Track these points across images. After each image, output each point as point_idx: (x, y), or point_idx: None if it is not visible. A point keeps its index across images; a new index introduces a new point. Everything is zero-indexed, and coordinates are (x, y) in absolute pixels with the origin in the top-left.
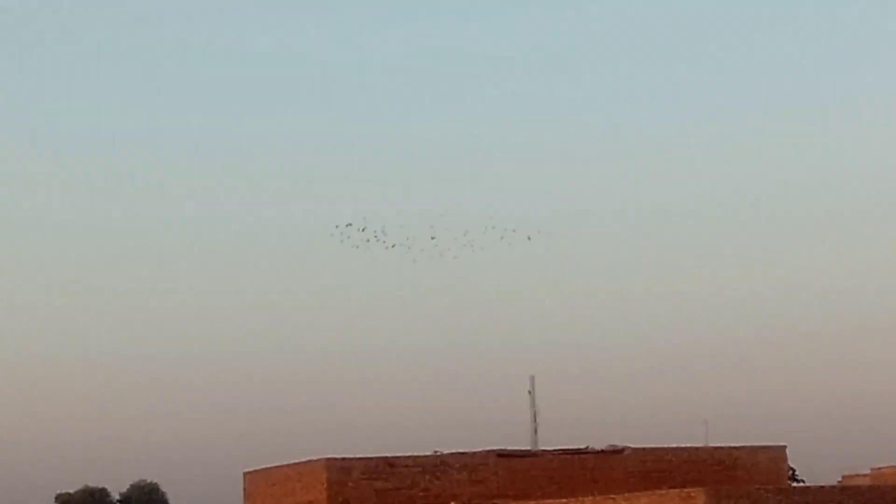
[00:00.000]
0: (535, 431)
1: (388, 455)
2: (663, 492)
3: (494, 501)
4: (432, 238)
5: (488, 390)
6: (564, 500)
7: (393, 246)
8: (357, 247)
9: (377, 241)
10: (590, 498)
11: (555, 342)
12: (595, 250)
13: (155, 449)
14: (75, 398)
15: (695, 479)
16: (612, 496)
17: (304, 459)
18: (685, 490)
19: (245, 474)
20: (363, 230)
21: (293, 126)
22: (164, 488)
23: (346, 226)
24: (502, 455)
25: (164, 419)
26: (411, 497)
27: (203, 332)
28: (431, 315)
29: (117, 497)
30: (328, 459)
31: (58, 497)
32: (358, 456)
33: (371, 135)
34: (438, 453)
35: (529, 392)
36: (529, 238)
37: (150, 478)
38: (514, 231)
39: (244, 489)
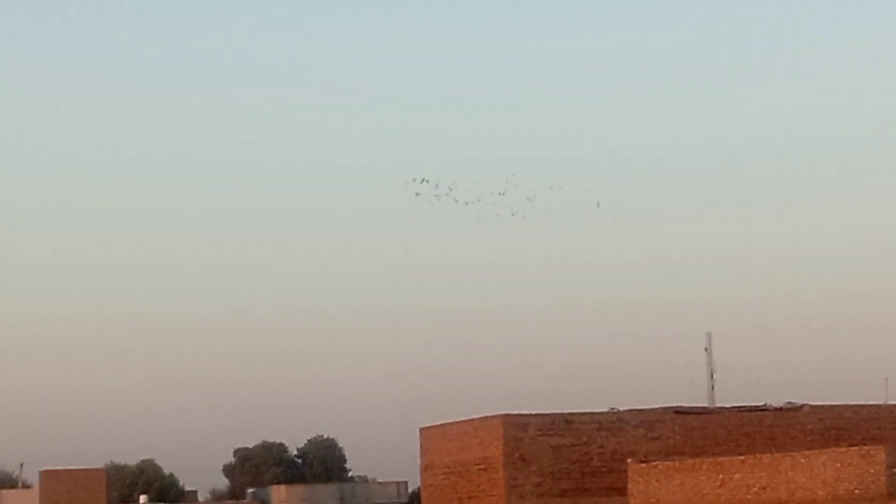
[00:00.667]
0: (712, 388)
1: (565, 411)
2: (842, 450)
3: (671, 458)
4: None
5: (665, 347)
6: (742, 458)
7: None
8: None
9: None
10: (767, 455)
11: (731, 298)
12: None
13: (332, 405)
14: (253, 355)
15: (874, 437)
16: (791, 454)
17: (480, 416)
18: (864, 448)
19: (421, 430)
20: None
21: (368, 82)
22: (340, 443)
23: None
24: (679, 412)
25: (341, 375)
26: (587, 453)
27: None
28: (608, 272)
29: (295, 452)
30: (504, 415)
31: (236, 451)
32: (534, 412)
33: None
34: (615, 410)
35: (706, 349)
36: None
37: (327, 433)
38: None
39: (420, 445)
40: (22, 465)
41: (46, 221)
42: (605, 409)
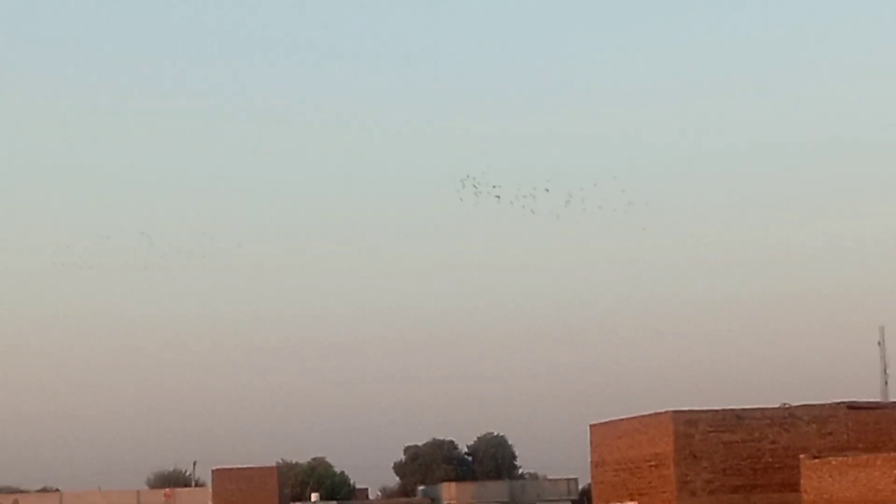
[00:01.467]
0: (886, 383)
1: (736, 407)
2: None
3: (844, 454)
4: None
5: (837, 341)
6: None
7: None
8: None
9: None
10: None
11: None
12: None
13: (502, 402)
14: (423, 355)
15: None
16: None
17: (650, 412)
18: None
19: (591, 427)
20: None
21: (415, 79)
22: (510, 441)
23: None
24: (852, 407)
25: (511, 373)
26: (759, 449)
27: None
28: (777, 266)
29: (465, 449)
30: (675, 412)
31: (406, 449)
32: (705, 408)
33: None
34: (787, 405)
35: (879, 343)
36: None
37: (497, 430)
38: None
39: (591, 441)
40: (195, 463)
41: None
42: (776, 405)
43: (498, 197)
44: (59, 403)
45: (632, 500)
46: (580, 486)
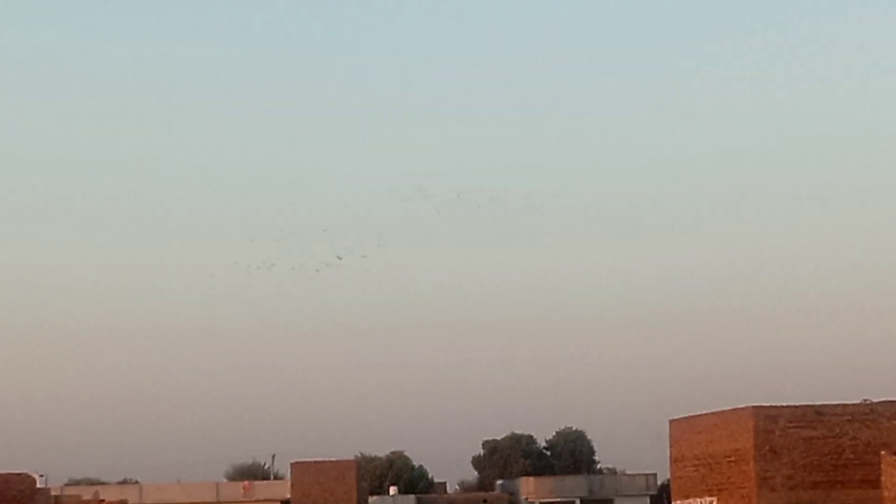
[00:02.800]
0: None
1: (816, 403)
2: None
3: None
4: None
5: None
6: None
7: None
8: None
9: None
10: None
11: None
12: None
13: (581, 397)
14: (500, 348)
15: None
16: None
17: (730, 407)
18: None
19: (671, 422)
20: None
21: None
22: (589, 435)
23: None
24: None
25: (590, 368)
26: (840, 446)
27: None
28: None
29: (543, 444)
30: (755, 407)
31: (485, 444)
32: (785, 404)
33: None
34: (868, 401)
35: None
36: None
37: (576, 425)
38: None
39: (670, 437)
40: (274, 456)
41: None
42: (857, 401)
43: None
44: (144, 395)
45: (711, 495)
46: (659, 482)
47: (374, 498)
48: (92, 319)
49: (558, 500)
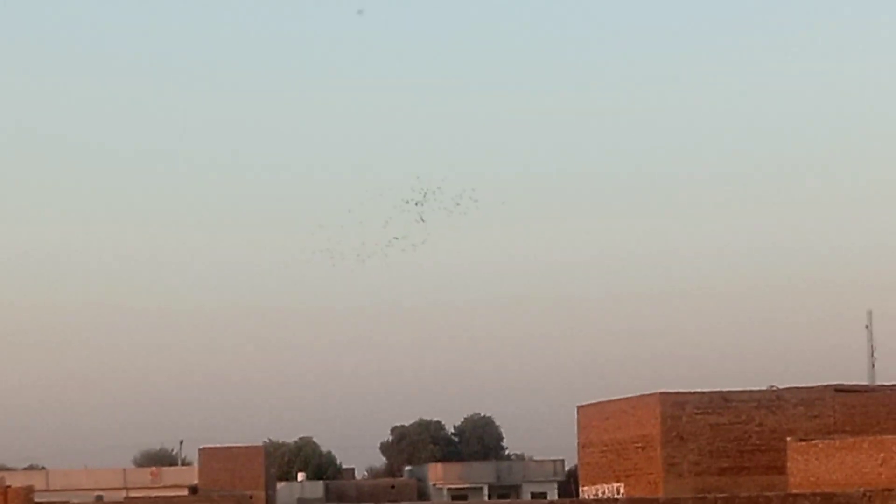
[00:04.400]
0: (873, 366)
1: (723, 389)
2: None
3: (831, 436)
4: None
5: (825, 324)
6: None
7: None
8: None
9: None
10: None
11: (893, 275)
12: None
13: (489, 383)
14: (409, 334)
15: None
16: None
17: (637, 394)
18: None
19: (579, 408)
20: None
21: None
22: (497, 421)
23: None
24: (840, 390)
25: (500, 353)
26: (746, 432)
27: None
28: (766, 250)
29: (451, 430)
30: (662, 394)
31: (393, 429)
32: (692, 390)
33: None
34: (774, 388)
35: (867, 326)
36: None
37: (484, 412)
38: None
39: (578, 423)
40: (181, 442)
41: None
42: (763, 387)
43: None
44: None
45: (618, 481)
46: (567, 468)
47: (283, 484)
48: None
49: (466, 486)
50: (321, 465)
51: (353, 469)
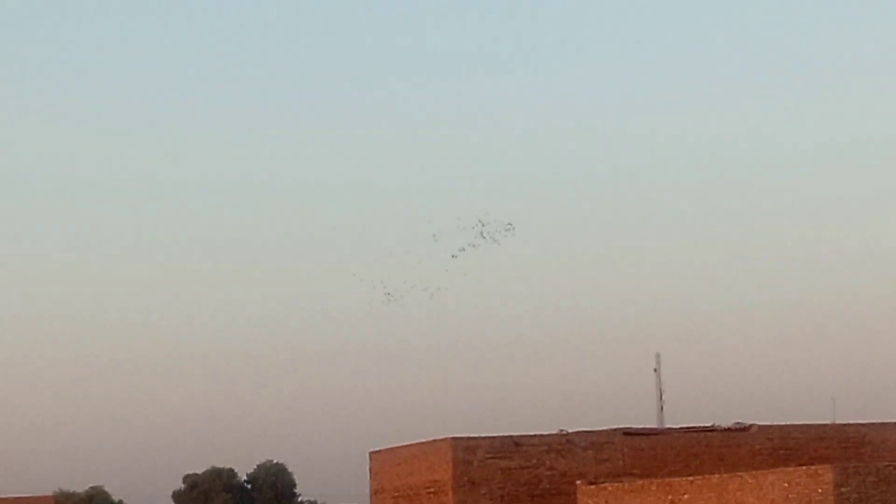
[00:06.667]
0: (661, 409)
1: (514, 434)
2: (790, 469)
3: (620, 479)
4: None
5: (614, 368)
6: (691, 478)
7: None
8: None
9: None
10: (716, 476)
11: (680, 320)
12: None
13: (281, 430)
14: (201, 381)
15: (822, 457)
16: (739, 474)
17: (429, 439)
18: (812, 468)
19: (371, 454)
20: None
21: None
22: (290, 469)
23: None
24: (628, 433)
25: (290, 400)
26: (537, 476)
27: (326, 313)
28: (558, 293)
29: (244, 478)
30: (454, 438)
31: (185, 478)
32: (483, 435)
33: None
34: (564, 432)
35: (655, 370)
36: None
37: (277, 458)
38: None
39: (370, 469)
40: None
41: None
42: (554, 431)
43: None
44: None
45: None
46: None
47: None
48: None
49: None
50: None
51: None
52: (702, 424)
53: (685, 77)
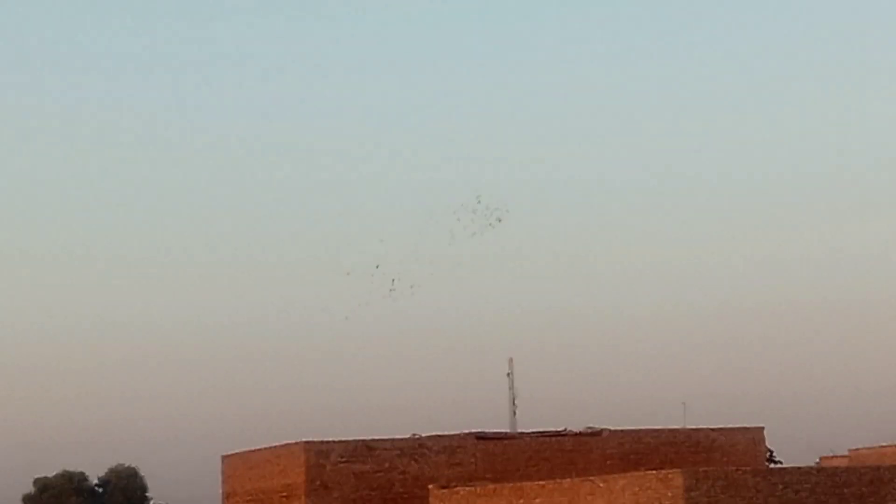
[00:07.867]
0: (514, 414)
1: (367, 438)
2: (641, 473)
3: (472, 483)
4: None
5: (467, 372)
6: (542, 482)
7: None
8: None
9: None
10: (568, 480)
11: (533, 324)
12: (571, 230)
13: (133, 433)
14: (52, 382)
15: (673, 461)
16: (591, 478)
17: (282, 443)
18: (663, 472)
19: (223, 458)
20: None
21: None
22: (142, 472)
23: None
24: (481, 437)
25: (143, 403)
26: (389, 480)
27: (181, 314)
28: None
29: (95, 481)
30: (306, 443)
31: (36, 481)
32: (336, 439)
33: None
34: (417, 436)
35: (508, 374)
36: (500, 220)
37: (129, 462)
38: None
39: (222, 473)
40: None
41: None
42: (406, 436)
43: None
44: None
45: None
46: None
47: None
48: None
49: None
50: None
51: None
52: (554, 429)
53: (684, 76)
